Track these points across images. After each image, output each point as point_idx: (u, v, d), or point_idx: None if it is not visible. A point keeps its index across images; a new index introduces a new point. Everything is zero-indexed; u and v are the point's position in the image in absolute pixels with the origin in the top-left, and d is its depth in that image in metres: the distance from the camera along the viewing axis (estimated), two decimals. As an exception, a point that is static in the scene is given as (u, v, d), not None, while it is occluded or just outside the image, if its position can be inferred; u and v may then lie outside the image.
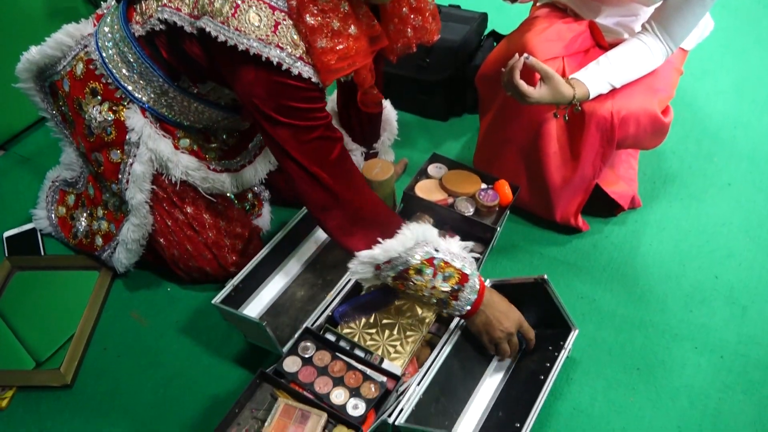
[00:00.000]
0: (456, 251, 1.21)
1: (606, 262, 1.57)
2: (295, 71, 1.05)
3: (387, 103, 1.71)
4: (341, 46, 1.06)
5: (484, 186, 1.51)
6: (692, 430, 1.25)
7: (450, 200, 1.49)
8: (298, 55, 1.05)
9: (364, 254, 1.16)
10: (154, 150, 1.33)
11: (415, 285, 1.17)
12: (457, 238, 1.25)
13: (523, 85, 1.28)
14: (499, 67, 1.36)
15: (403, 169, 1.82)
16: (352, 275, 1.20)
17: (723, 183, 1.75)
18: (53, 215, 1.67)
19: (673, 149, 1.84)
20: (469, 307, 1.19)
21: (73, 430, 1.31)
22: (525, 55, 1.28)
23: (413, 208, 1.49)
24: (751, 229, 1.62)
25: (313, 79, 1.07)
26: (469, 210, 1.46)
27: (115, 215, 1.47)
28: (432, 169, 1.57)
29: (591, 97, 1.34)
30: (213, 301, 1.29)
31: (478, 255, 1.24)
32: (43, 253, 1.66)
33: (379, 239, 1.15)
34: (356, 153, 1.68)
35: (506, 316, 1.22)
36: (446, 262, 1.17)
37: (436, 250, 1.17)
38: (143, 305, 1.54)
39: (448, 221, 1.48)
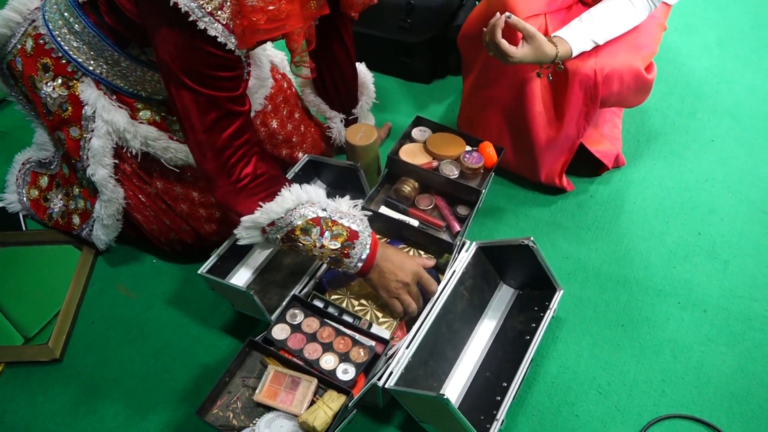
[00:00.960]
0: (345, 210, 1.22)
1: (591, 222, 1.58)
2: (201, 26, 1.00)
3: (362, 67, 1.67)
4: (272, 7, 1.02)
5: (468, 148, 1.50)
6: (675, 383, 1.28)
7: (435, 163, 1.48)
8: (209, 10, 1.00)
9: (246, 219, 1.18)
10: (109, 121, 1.29)
11: (304, 245, 1.18)
12: (347, 197, 1.26)
13: (505, 44, 1.26)
14: (481, 26, 1.34)
15: (386, 134, 1.80)
16: (241, 240, 1.21)
17: (706, 139, 1.76)
18: (25, 198, 1.63)
19: (656, 106, 1.84)
20: (361, 264, 1.20)
21: (64, 404, 1.32)
22: (506, 13, 1.26)
23: (398, 171, 1.48)
24: (733, 185, 1.64)
25: (220, 39, 1.03)
26: (454, 173, 1.45)
27: (90, 192, 1.44)
28: (416, 132, 1.56)
29: (574, 55, 1.33)
30: (199, 272, 1.28)
31: (369, 212, 1.26)
32: (24, 228, 1.64)
33: (260, 203, 1.16)
34: (336, 120, 1.66)
35: (401, 268, 1.22)
36: (333, 221, 1.18)
37: (324, 210, 1.18)
38: (129, 278, 1.53)
39: (433, 184, 1.47)
